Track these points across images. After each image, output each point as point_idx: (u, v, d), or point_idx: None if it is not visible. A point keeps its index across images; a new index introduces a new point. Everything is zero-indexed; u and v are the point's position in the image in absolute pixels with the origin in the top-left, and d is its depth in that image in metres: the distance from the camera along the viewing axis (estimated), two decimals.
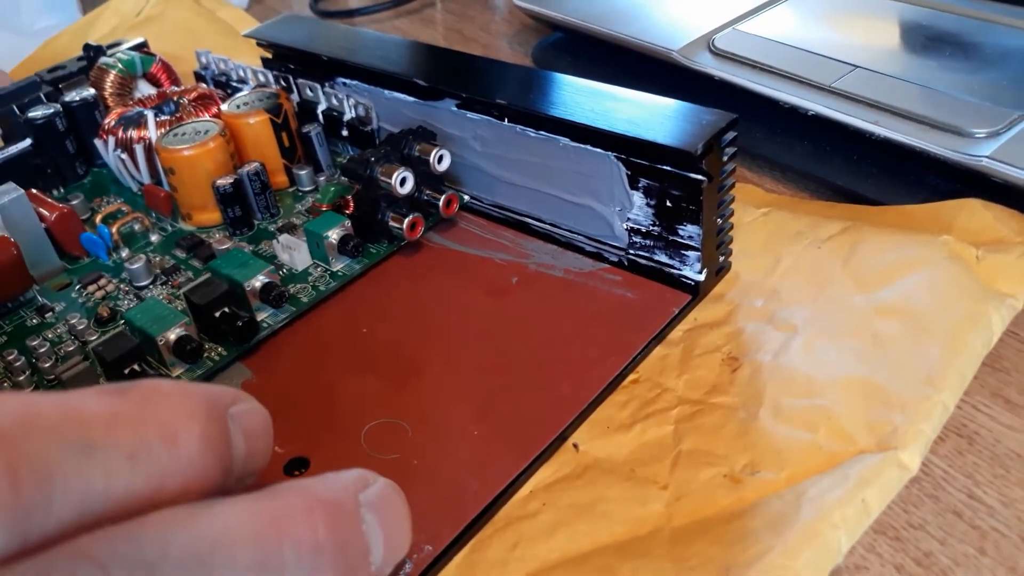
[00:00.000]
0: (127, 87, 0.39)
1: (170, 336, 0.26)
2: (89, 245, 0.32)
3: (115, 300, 0.30)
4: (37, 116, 0.35)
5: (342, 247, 0.29)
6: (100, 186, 0.37)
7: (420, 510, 0.20)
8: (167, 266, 0.31)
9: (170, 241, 0.32)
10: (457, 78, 0.31)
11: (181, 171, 0.32)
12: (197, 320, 0.27)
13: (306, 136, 0.34)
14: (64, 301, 0.30)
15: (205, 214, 0.32)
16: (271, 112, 0.33)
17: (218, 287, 0.27)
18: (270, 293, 0.27)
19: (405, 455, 0.23)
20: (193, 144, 0.31)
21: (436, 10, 0.56)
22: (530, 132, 0.29)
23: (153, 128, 0.34)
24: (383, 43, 0.35)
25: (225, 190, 0.31)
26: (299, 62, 0.36)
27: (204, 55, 0.40)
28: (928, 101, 0.32)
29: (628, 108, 0.27)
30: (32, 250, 0.30)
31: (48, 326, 0.29)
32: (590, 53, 0.44)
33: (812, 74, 0.35)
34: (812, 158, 0.34)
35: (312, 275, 0.30)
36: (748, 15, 0.40)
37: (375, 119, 0.34)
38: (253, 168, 0.32)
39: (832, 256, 0.28)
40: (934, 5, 0.40)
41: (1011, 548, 0.20)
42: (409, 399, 0.25)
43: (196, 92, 0.36)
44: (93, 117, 0.37)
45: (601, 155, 0.27)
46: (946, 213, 0.28)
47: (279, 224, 0.32)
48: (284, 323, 0.28)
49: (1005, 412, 0.24)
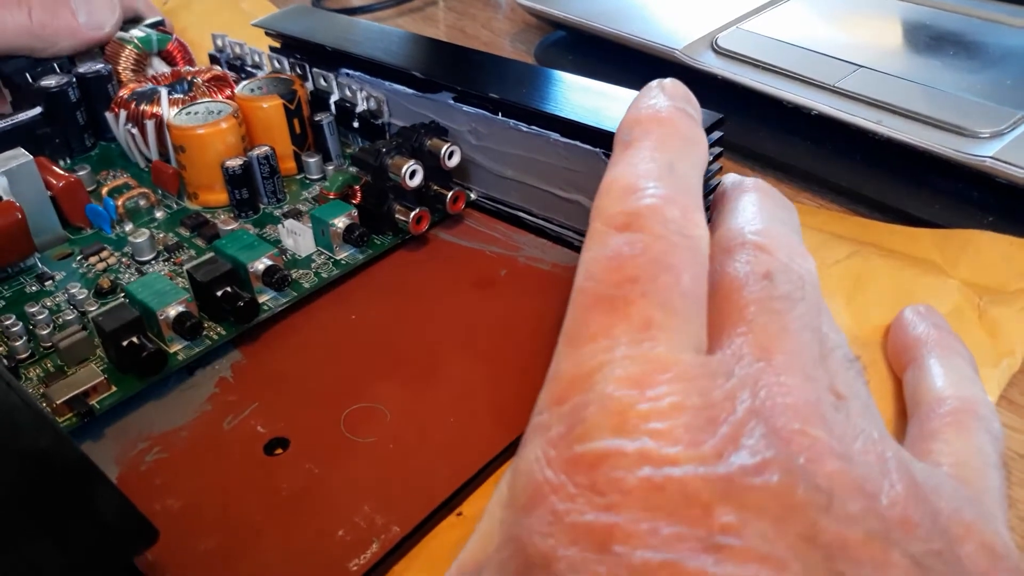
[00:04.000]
0: (141, 64, 0.39)
1: (170, 312, 0.26)
2: (93, 216, 0.32)
3: (116, 273, 0.30)
4: (50, 85, 0.35)
5: (347, 236, 0.29)
6: (107, 159, 0.37)
7: (391, 492, 0.22)
8: (170, 243, 0.31)
9: (175, 219, 0.32)
10: (454, 71, 0.32)
11: (191, 149, 0.32)
12: (198, 297, 0.27)
13: (318, 124, 0.34)
14: (65, 270, 0.30)
15: (212, 194, 0.33)
16: (285, 98, 0.33)
17: (221, 266, 0.27)
18: (273, 276, 0.27)
19: (381, 438, 0.23)
20: (205, 123, 0.32)
21: (438, 8, 0.56)
22: (522, 127, 0.29)
23: (166, 105, 0.34)
24: (385, 35, 0.36)
25: (234, 171, 0.31)
26: (305, 52, 0.37)
27: (220, 38, 0.40)
28: (932, 101, 0.32)
29: (618, 106, 0.27)
30: (36, 217, 0.30)
31: (47, 294, 0.29)
32: (593, 52, 0.44)
33: (816, 73, 0.34)
34: (815, 158, 0.34)
35: (315, 262, 0.30)
36: (751, 14, 0.40)
37: (387, 112, 0.34)
38: (263, 152, 0.32)
39: (837, 286, 0.27)
40: (938, 4, 0.40)
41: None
42: (391, 385, 0.25)
43: (210, 73, 0.37)
44: (106, 91, 0.37)
45: (590, 151, 0.28)
46: (954, 244, 0.28)
47: (285, 209, 0.33)
48: (284, 307, 0.28)
49: (1007, 412, 0.24)
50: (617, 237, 0.16)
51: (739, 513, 0.12)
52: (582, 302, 0.15)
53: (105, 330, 0.25)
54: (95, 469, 0.17)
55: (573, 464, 0.13)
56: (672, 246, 0.15)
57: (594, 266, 0.15)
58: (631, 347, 0.14)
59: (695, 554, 0.11)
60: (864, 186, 0.32)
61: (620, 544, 0.12)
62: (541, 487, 0.13)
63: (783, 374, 0.14)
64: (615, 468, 0.12)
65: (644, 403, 0.13)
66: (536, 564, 0.12)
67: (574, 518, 0.12)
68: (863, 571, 0.12)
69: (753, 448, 0.12)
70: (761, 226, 0.17)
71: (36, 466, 0.17)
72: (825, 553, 0.12)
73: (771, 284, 0.16)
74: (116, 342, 0.25)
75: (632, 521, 0.12)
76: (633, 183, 0.17)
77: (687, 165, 0.18)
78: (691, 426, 0.13)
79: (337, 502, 0.22)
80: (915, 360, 0.23)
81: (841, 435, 0.14)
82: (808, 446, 0.13)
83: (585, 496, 0.12)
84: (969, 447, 0.19)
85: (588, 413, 0.13)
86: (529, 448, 0.14)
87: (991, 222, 0.29)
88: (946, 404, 0.20)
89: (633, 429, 0.13)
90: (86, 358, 0.26)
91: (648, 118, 0.18)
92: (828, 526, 0.12)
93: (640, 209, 0.16)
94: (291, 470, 0.23)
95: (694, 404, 0.13)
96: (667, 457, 0.12)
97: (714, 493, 0.12)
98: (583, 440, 0.13)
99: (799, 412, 0.13)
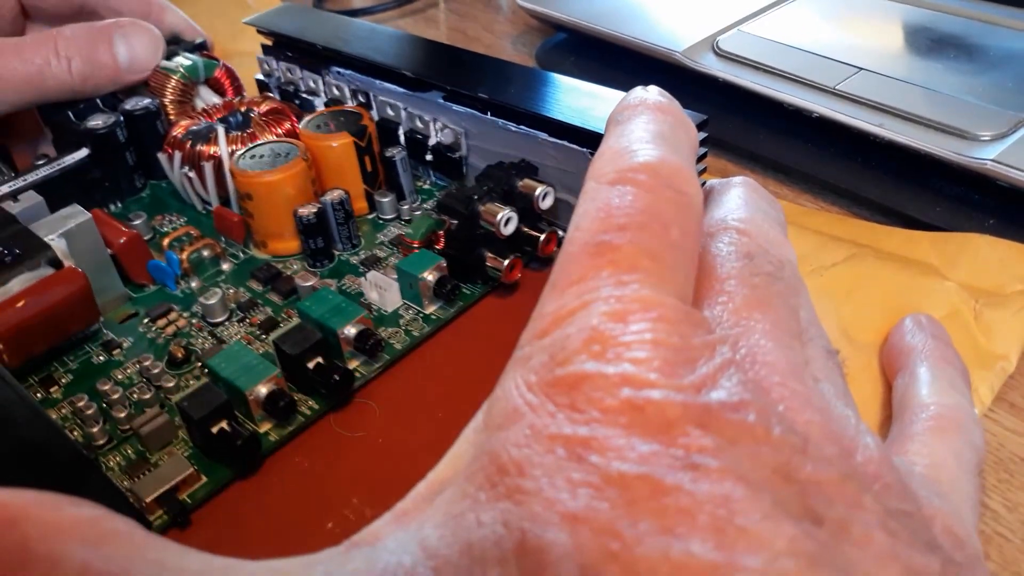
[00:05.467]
0: (188, 93, 0.36)
1: (261, 390, 0.24)
2: (156, 273, 0.29)
3: (188, 337, 0.28)
4: (98, 125, 0.33)
5: (438, 290, 0.27)
6: (159, 201, 0.34)
7: (380, 485, 0.22)
8: (242, 300, 0.29)
9: (243, 271, 0.30)
10: (444, 71, 0.32)
11: (259, 197, 0.29)
12: (286, 369, 0.25)
13: (390, 160, 0.31)
14: (131, 335, 0.28)
15: (282, 243, 0.30)
16: (355, 135, 0.30)
17: (311, 335, 0.25)
18: (366, 342, 0.25)
19: (371, 433, 0.24)
20: (274, 169, 0.29)
21: (439, 10, 0.55)
22: (511, 126, 0.29)
23: (224, 144, 0.31)
24: (376, 34, 0.35)
25: (308, 220, 0.29)
26: (297, 50, 0.36)
27: (267, 61, 0.38)
28: (933, 104, 0.32)
29: (606, 107, 0.27)
30: (96, 278, 0.28)
31: (116, 365, 0.27)
32: (594, 54, 0.43)
33: (816, 76, 0.34)
34: (816, 160, 0.33)
35: (403, 317, 0.27)
36: (752, 16, 0.40)
37: (464, 145, 0.31)
38: (337, 196, 0.29)
39: (832, 289, 0.27)
40: (939, 7, 0.40)
41: (1015, 552, 0.20)
42: (385, 382, 0.25)
43: (266, 105, 0.34)
44: (155, 127, 0.34)
45: (578, 151, 0.27)
46: (952, 247, 0.28)
47: (361, 256, 0.30)
48: (377, 373, 0.26)
49: (1009, 416, 0.24)
50: (608, 190, 0.16)
51: (715, 439, 0.12)
52: (569, 250, 0.15)
53: (193, 417, 0.23)
54: (88, 461, 0.18)
55: (553, 385, 0.13)
56: (663, 199, 0.15)
57: (583, 219, 0.15)
58: (616, 288, 0.14)
59: (672, 470, 0.11)
60: (864, 189, 0.32)
61: (597, 455, 0.12)
62: (519, 407, 0.13)
63: (762, 338, 0.14)
64: (595, 389, 0.12)
65: (626, 336, 0.13)
66: (509, 472, 0.12)
67: (552, 431, 0.12)
68: (835, 509, 0.12)
69: (731, 389, 0.13)
70: (745, 215, 0.18)
71: (30, 458, 0.17)
72: (799, 488, 0.12)
73: (752, 263, 0.16)
74: (205, 429, 0.23)
75: (610, 436, 0.12)
76: (626, 147, 0.17)
77: (678, 137, 0.18)
78: (671, 360, 0.13)
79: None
80: (906, 367, 0.23)
81: (819, 398, 0.14)
82: (787, 396, 0.13)
83: (564, 412, 0.12)
84: (946, 452, 0.19)
85: (569, 342, 0.13)
86: (508, 377, 0.14)
87: (992, 225, 0.29)
88: (929, 410, 0.21)
89: (615, 357, 0.13)
90: (169, 442, 0.24)
91: (638, 102, 0.19)
92: (803, 465, 0.12)
93: (632, 165, 0.16)
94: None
95: (675, 343, 0.13)
96: (647, 381, 0.12)
97: (692, 419, 0.12)
98: (564, 365, 0.13)
99: (778, 369, 0.14)
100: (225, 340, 0.27)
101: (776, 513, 0.11)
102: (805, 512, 0.12)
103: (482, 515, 0.12)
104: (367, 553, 0.13)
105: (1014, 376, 0.24)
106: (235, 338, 0.27)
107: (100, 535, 0.12)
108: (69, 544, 0.12)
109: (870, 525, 0.12)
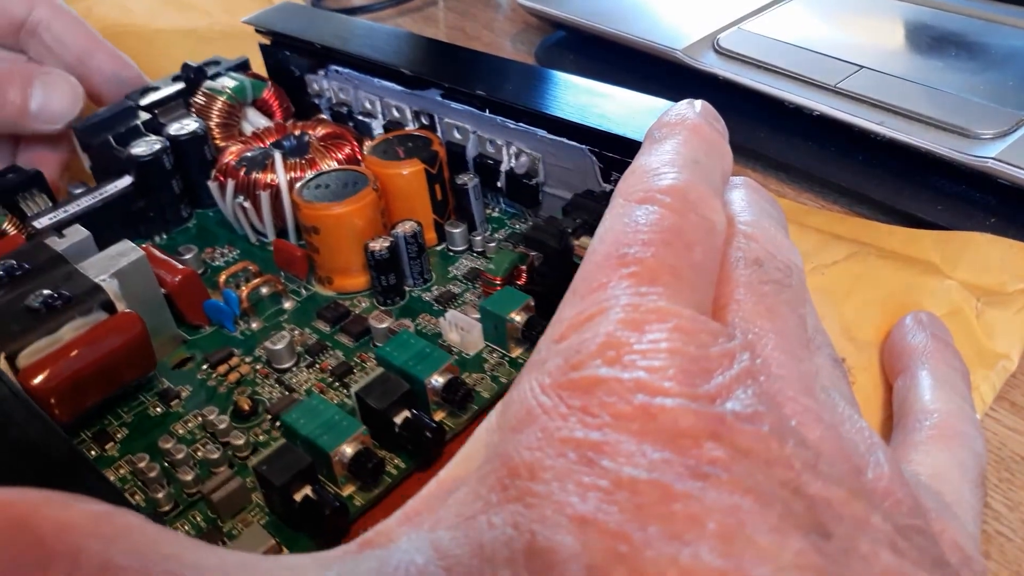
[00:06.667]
0: (235, 116, 0.34)
1: (346, 450, 0.21)
2: (214, 313, 0.27)
3: (252, 386, 0.25)
4: (142, 153, 0.30)
5: (526, 332, 0.25)
6: (207, 232, 0.32)
7: None
8: (310, 342, 0.26)
9: (307, 310, 0.28)
10: (443, 69, 0.31)
11: (327, 231, 0.27)
12: (369, 424, 0.22)
13: (461, 188, 0.29)
14: (189, 383, 0.25)
15: (349, 279, 0.28)
16: (426, 162, 0.28)
17: (397, 385, 0.22)
18: (456, 392, 0.23)
19: None
20: (342, 200, 0.27)
21: (439, 8, 0.54)
22: (510, 123, 0.29)
23: (282, 172, 0.29)
24: (374, 32, 0.35)
25: (381, 255, 0.26)
26: (294, 49, 0.36)
27: (316, 80, 0.35)
28: (934, 102, 0.32)
29: (605, 104, 0.27)
30: (150, 320, 0.25)
31: (176, 418, 0.24)
32: (594, 52, 0.43)
33: (817, 74, 0.34)
34: (817, 158, 0.33)
35: (487, 361, 0.25)
36: (753, 14, 0.40)
37: (542, 171, 0.29)
38: (410, 229, 0.27)
39: (833, 288, 0.27)
40: (940, 5, 0.39)
41: (1016, 552, 0.20)
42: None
43: (323, 129, 0.32)
44: (202, 152, 0.32)
45: (576, 148, 0.27)
46: (953, 245, 0.28)
47: (434, 293, 0.28)
48: (466, 426, 0.23)
49: (1010, 415, 0.23)
50: (635, 208, 0.16)
51: (727, 451, 0.12)
52: (592, 259, 0.15)
53: (274, 484, 0.20)
54: (84, 459, 0.18)
55: (567, 388, 0.13)
56: (688, 222, 0.16)
57: (609, 232, 0.16)
58: (635, 297, 0.14)
59: (682, 479, 0.11)
60: (866, 187, 0.31)
61: (608, 459, 0.12)
62: (533, 410, 0.13)
63: (775, 350, 0.15)
64: (609, 394, 0.12)
65: (642, 344, 0.13)
66: (521, 475, 0.12)
67: (564, 434, 0.12)
68: (843, 527, 0.12)
69: (745, 401, 0.13)
70: (751, 218, 0.18)
71: (26, 456, 0.17)
72: (808, 504, 0.12)
73: (761, 270, 0.16)
74: (287, 496, 0.20)
75: (622, 442, 0.12)
76: (657, 168, 0.17)
77: (711, 163, 0.18)
78: (687, 370, 0.13)
79: None
80: (907, 369, 0.23)
81: (830, 413, 0.14)
82: (799, 411, 0.14)
83: (577, 416, 0.12)
84: (949, 462, 0.19)
85: (585, 347, 0.13)
86: (524, 379, 0.14)
87: (993, 223, 0.29)
88: (932, 417, 0.21)
89: (630, 364, 0.13)
90: (243, 508, 0.22)
91: (677, 122, 0.19)
92: (813, 480, 0.12)
93: (661, 187, 0.16)
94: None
95: (691, 353, 0.13)
96: (661, 389, 0.12)
97: (704, 429, 0.12)
98: (578, 368, 0.13)
99: (791, 383, 0.14)
100: (294, 388, 0.25)
101: (784, 526, 0.11)
102: (813, 527, 0.12)
103: (493, 517, 0.12)
104: (380, 553, 0.13)
105: (1015, 375, 0.24)
106: (305, 386, 0.25)
107: (114, 530, 0.12)
108: (86, 540, 0.11)
109: (878, 543, 0.12)
